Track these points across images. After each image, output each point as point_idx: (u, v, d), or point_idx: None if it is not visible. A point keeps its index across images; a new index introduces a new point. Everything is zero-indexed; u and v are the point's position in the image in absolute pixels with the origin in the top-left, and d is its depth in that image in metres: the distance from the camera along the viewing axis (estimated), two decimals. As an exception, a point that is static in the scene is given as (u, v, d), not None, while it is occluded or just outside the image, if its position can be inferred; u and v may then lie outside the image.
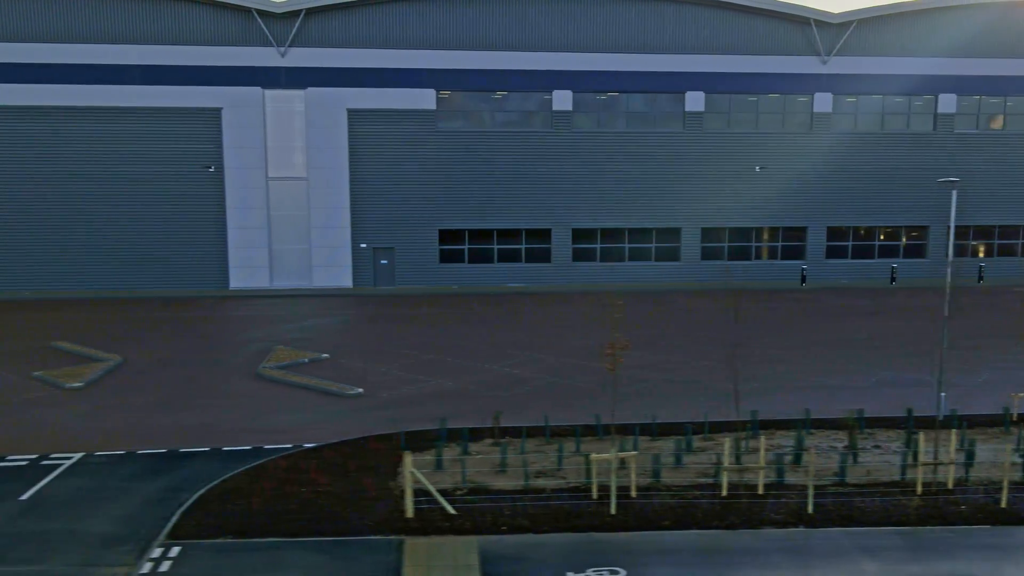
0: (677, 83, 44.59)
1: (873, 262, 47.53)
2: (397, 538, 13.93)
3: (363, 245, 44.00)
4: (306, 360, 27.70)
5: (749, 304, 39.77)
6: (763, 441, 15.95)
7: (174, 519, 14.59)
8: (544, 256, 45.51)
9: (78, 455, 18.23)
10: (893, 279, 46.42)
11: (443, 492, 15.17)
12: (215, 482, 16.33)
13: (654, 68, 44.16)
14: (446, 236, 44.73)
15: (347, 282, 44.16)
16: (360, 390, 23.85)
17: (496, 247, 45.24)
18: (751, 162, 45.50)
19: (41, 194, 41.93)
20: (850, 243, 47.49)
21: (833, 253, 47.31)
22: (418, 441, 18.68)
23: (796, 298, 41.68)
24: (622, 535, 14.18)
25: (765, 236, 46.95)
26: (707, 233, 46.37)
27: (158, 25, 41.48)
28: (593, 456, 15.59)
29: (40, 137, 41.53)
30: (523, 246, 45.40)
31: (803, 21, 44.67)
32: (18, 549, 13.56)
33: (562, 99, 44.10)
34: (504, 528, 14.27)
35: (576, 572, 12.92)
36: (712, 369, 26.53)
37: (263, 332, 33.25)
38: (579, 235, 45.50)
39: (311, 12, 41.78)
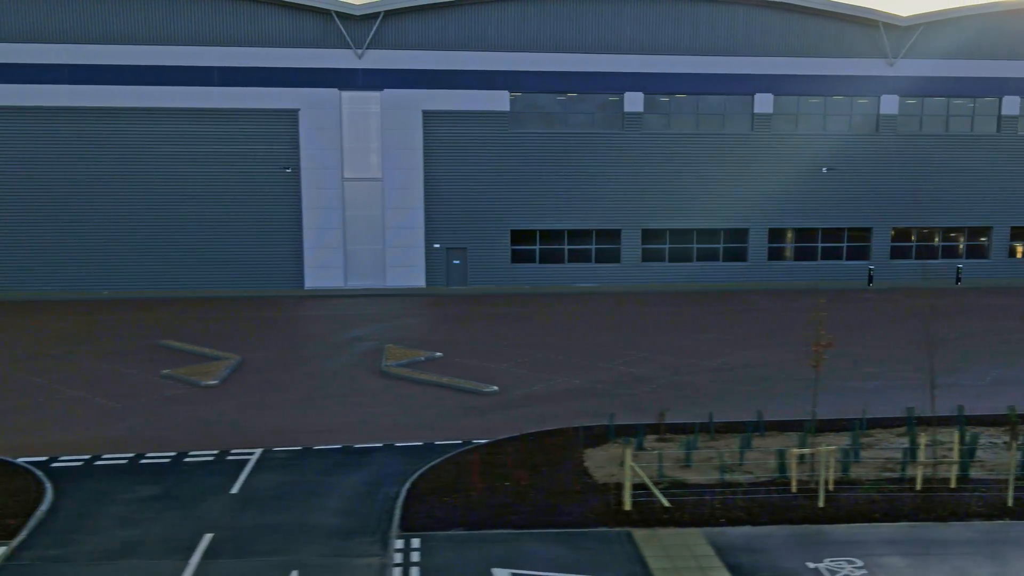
0: (746, 85, 44.98)
1: (937, 263, 47.89)
2: (624, 530, 14.31)
3: (436, 245, 44.40)
4: (422, 358, 28.09)
5: (825, 304, 40.16)
6: (958, 436, 16.32)
7: (397, 512, 14.94)
8: (614, 256, 45.90)
9: (258, 451, 18.60)
10: (958, 279, 46.78)
11: (642, 486, 15.49)
12: (415, 476, 16.70)
13: (724, 70, 44.54)
14: (518, 236, 45.14)
15: (420, 282, 44.57)
16: (495, 388, 24.22)
17: (567, 247, 45.64)
18: (818, 163, 45.88)
19: (121, 195, 42.32)
20: (914, 244, 47.86)
21: (898, 254, 47.69)
22: (584, 437, 19.06)
23: (868, 299, 42.04)
24: (839, 527, 14.55)
25: (831, 237, 47.28)
26: (774, 234, 46.75)
27: (238, 27, 41.89)
28: (791, 451, 15.98)
29: (120, 138, 41.92)
30: (593, 246, 45.79)
31: (871, 24, 45.07)
32: (261, 541, 13.93)
33: (633, 101, 44.51)
34: (722, 520, 14.65)
35: (814, 562, 13.30)
36: (832, 368, 26.92)
37: (362, 331, 33.62)
38: (648, 235, 45.91)
39: (389, 14, 42.18)
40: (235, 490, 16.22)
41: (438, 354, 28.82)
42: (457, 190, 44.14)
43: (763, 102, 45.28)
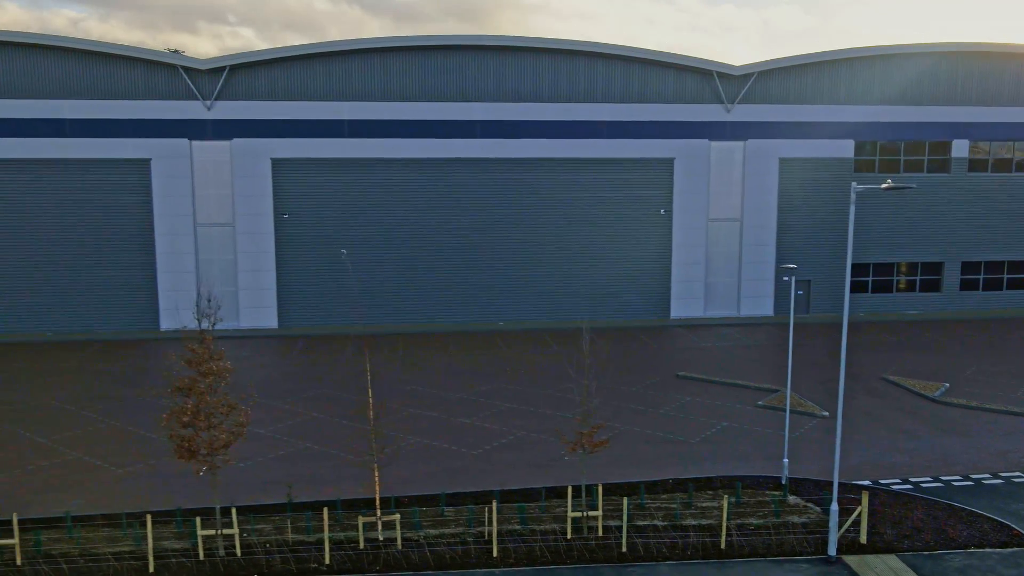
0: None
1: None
2: None
3: (786, 278, 49.59)
4: (940, 391, 33.23)
5: None
6: None
7: None
8: (935, 286, 51.15)
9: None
10: None
11: None
12: None
13: (1040, 119, 49.84)
14: (854, 269, 50.34)
15: (768, 311, 49.79)
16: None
17: (895, 278, 50.88)
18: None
19: (510, 235, 47.47)
20: None
21: None
22: None
23: None
24: None
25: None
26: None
27: (624, 85, 47.11)
28: None
29: (525, 186, 47.16)
30: (918, 277, 51.02)
31: None
32: None
33: (960, 147, 49.73)
34: None
35: None
36: None
37: (819, 354, 38.73)
38: (967, 267, 51.16)
39: (761, 74, 47.42)
40: None
41: (945, 384, 33.99)
42: (804, 227, 49.35)
43: (1071, 147, 50.52)
